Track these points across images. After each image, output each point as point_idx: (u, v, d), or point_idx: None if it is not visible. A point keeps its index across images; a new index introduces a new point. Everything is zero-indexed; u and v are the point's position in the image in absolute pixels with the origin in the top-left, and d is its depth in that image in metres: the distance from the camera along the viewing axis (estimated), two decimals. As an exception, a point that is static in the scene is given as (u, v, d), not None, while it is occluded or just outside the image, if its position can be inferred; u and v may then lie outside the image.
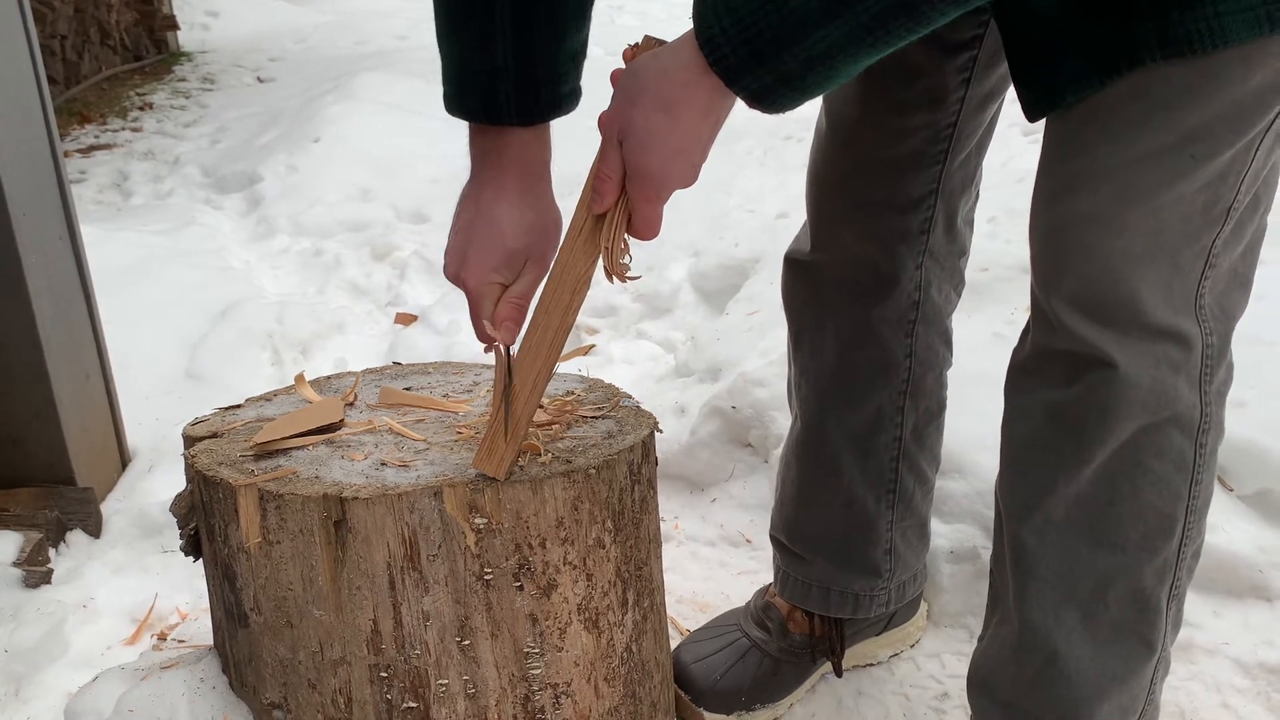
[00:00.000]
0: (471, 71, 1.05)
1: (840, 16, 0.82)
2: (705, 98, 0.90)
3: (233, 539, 1.12)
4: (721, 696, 1.48)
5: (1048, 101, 1.03)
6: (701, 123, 0.92)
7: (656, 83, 0.91)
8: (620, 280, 1.01)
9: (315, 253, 3.48)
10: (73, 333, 2.01)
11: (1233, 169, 1.01)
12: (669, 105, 0.90)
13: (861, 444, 1.43)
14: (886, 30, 0.83)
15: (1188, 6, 0.92)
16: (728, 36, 0.86)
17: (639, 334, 2.85)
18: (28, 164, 1.88)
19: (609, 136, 0.95)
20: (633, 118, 0.92)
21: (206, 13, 8.19)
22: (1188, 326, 1.06)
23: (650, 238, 0.99)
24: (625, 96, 0.93)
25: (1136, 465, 1.10)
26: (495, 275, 1.08)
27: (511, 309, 1.08)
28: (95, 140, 5.22)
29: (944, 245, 1.37)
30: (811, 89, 0.87)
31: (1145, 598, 1.14)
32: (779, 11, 0.83)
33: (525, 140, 1.08)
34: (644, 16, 8.54)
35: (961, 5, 0.83)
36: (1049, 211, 1.07)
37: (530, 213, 1.09)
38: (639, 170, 0.94)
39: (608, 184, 0.96)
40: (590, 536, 1.12)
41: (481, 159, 1.09)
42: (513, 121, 1.06)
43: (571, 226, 1.02)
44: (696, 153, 0.94)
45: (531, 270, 1.10)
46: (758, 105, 0.89)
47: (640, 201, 0.96)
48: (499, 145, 1.07)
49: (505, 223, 1.07)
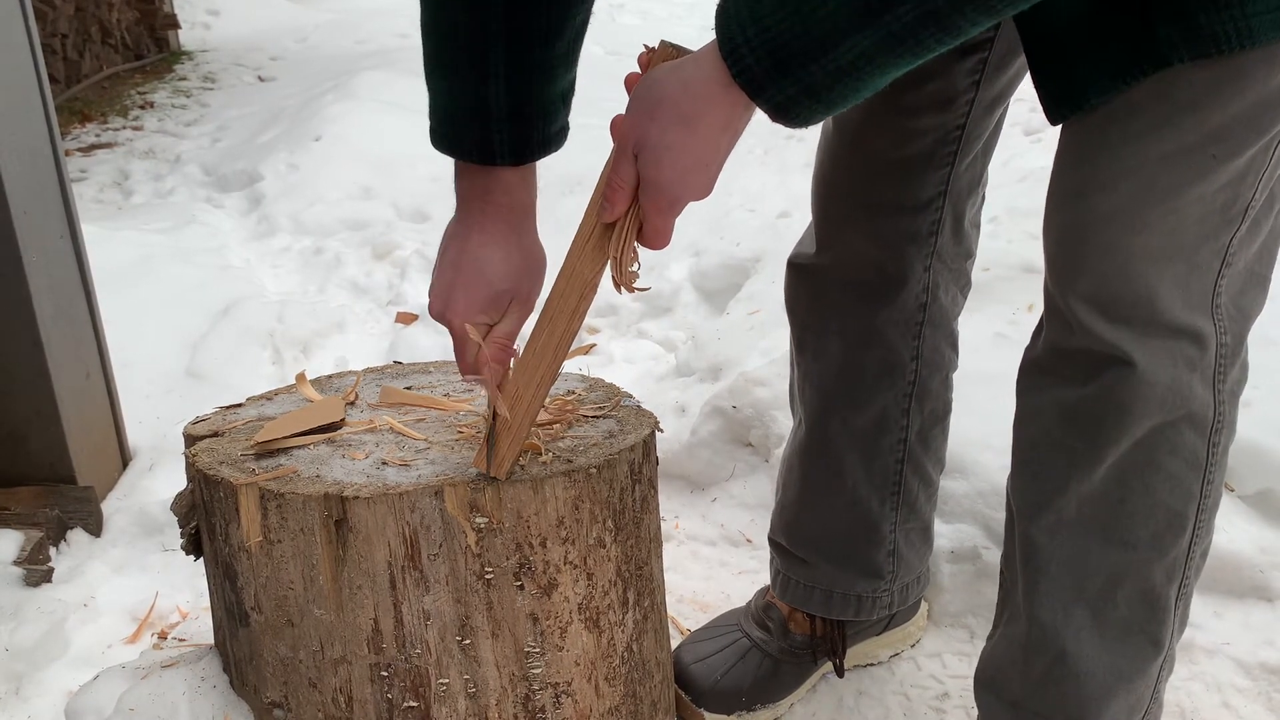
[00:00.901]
0: (464, 111, 1.05)
1: (870, 26, 0.80)
2: (726, 111, 0.88)
3: (233, 538, 1.11)
4: (722, 696, 1.48)
5: (1071, 103, 1.02)
6: (720, 136, 0.90)
7: (676, 95, 0.89)
8: (628, 290, 1.00)
9: (316, 251, 3.48)
10: (73, 331, 2.01)
11: (1252, 168, 1.01)
12: (688, 119, 0.89)
13: (866, 447, 1.43)
14: (917, 41, 0.81)
15: (1214, 8, 0.92)
16: (752, 47, 0.83)
17: (640, 333, 2.85)
18: (28, 162, 1.88)
19: (623, 146, 0.94)
20: (649, 130, 0.90)
21: (207, 11, 8.19)
22: (1203, 325, 1.06)
23: (660, 248, 0.98)
24: (642, 107, 0.91)
25: (1150, 464, 1.10)
26: (481, 316, 1.08)
27: (497, 349, 1.08)
28: (96, 139, 5.22)
29: (951, 247, 1.37)
30: (837, 102, 0.85)
31: (1155, 596, 1.14)
32: (805, 21, 0.81)
33: (512, 182, 1.08)
34: (645, 16, 8.54)
35: (993, 15, 0.81)
36: (1067, 210, 1.07)
37: (516, 253, 1.09)
38: (653, 183, 0.92)
39: (619, 193, 0.95)
40: (591, 536, 1.12)
41: (468, 199, 1.09)
42: (505, 161, 1.06)
43: (580, 231, 1.01)
44: (714, 166, 0.92)
45: (516, 310, 1.11)
46: (781, 118, 0.87)
47: (653, 213, 0.95)
48: (486, 185, 1.08)
49: (491, 265, 1.08)
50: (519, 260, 1.10)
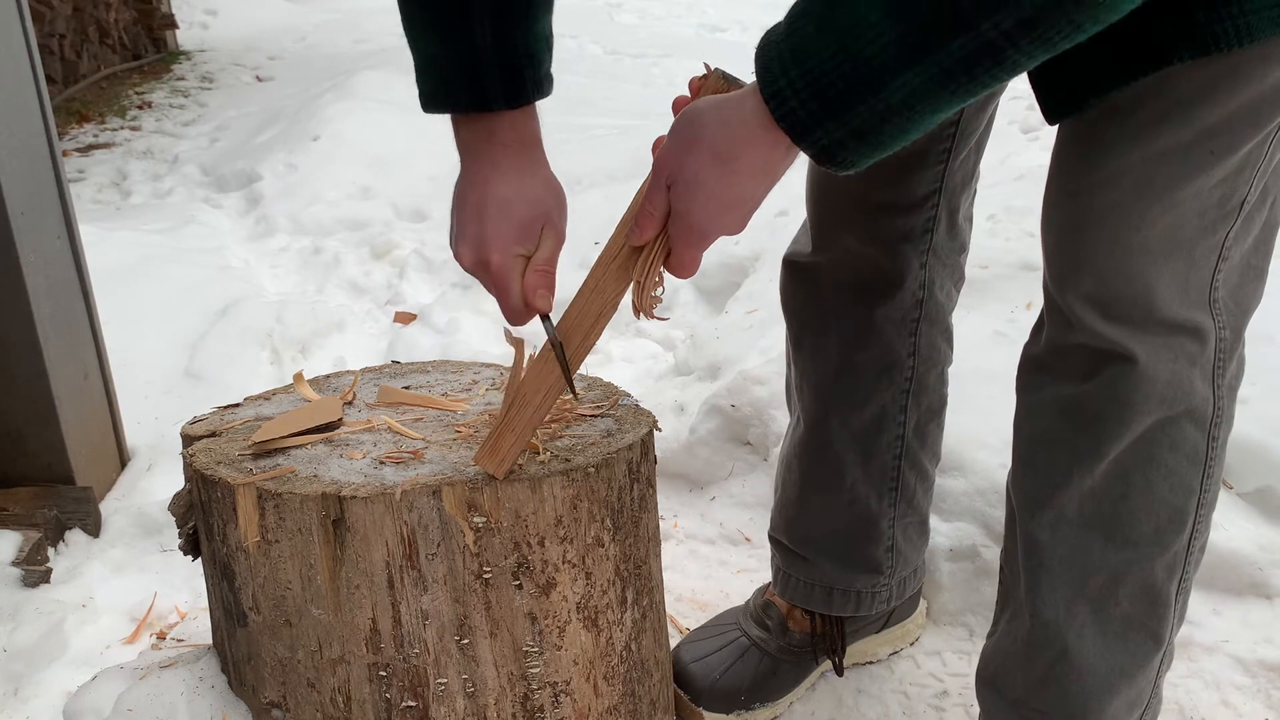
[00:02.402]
0: (454, 64, 1.04)
1: (920, 63, 0.76)
2: (766, 153, 0.86)
3: (231, 538, 1.11)
4: (721, 695, 1.48)
5: (1071, 104, 1.02)
6: (757, 179, 0.88)
7: (715, 133, 0.87)
8: (648, 317, 1.00)
9: (314, 251, 3.48)
10: (71, 332, 2.01)
11: (1248, 163, 1.01)
12: (725, 159, 0.87)
13: (864, 443, 1.43)
14: (970, 77, 0.77)
15: (1213, 6, 0.92)
16: (795, 89, 0.80)
17: (638, 332, 2.85)
18: (26, 163, 1.88)
19: (658, 174, 0.93)
20: (685, 164, 0.89)
21: (205, 11, 8.20)
22: (1202, 320, 1.07)
23: (686, 278, 0.97)
24: (682, 141, 0.90)
25: (1150, 459, 1.10)
26: (517, 248, 1.06)
27: (540, 276, 1.06)
28: (94, 139, 5.22)
29: (947, 243, 1.37)
30: (886, 144, 0.82)
31: (1156, 592, 1.14)
32: (854, 60, 0.77)
33: (515, 119, 1.07)
34: (643, 15, 8.54)
35: (1049, 50, 0.77)
36: (1066, 207, 1.07)
37: (534, 181, 1.08)
38: (684, 217, 0.92)
39: (649, 220, 0.94)
40: (589, 535, 1.12)
41: (474, 146, 1.08)
42: (500, 106, 1.05)
43: (607, 248, 1.00)
44: (748, 207, 0.90)
45: (550, 235, 1.09)
46: (826, 162, 0.84)
47: (681, 246, 0.94)
48: (490, 129, 1.07)
49: (514, 198, 1.06)
50: (540, 187, 1.09)
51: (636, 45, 6.77)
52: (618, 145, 4.04)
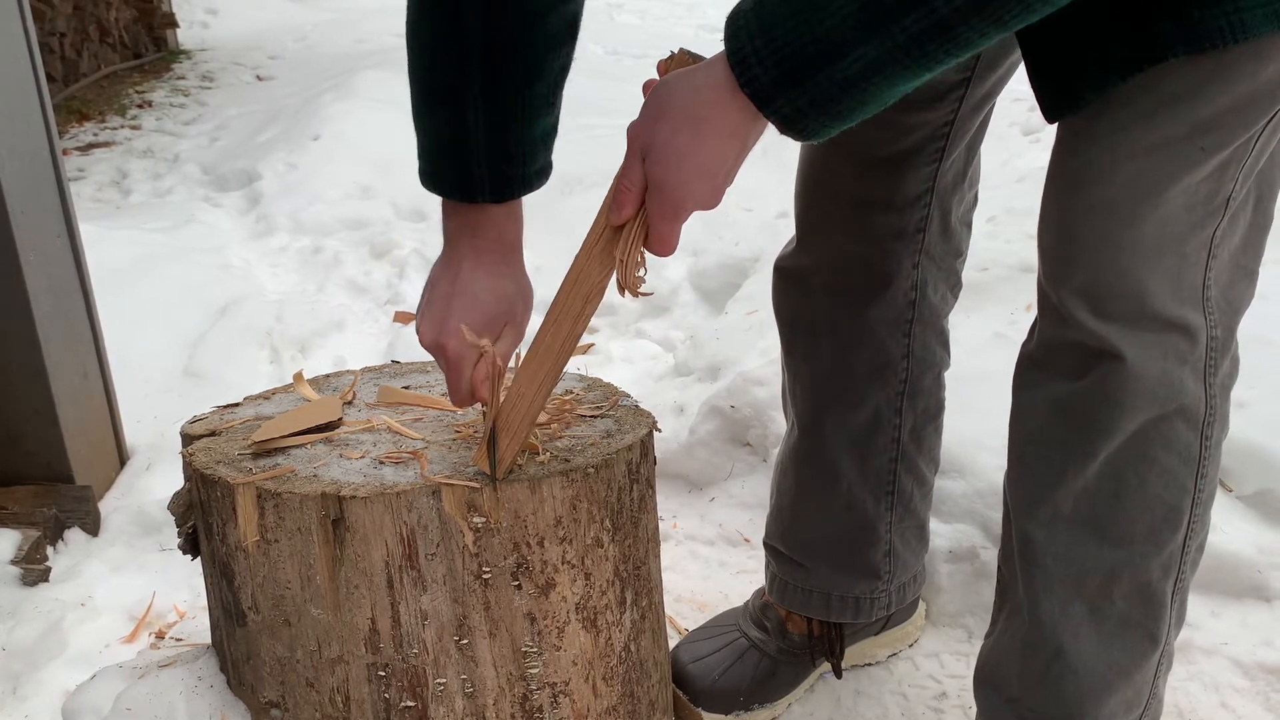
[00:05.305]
0: (447, 150, 1.08)
1: (876, 35, 0.80)
2: (734, 119, 0.88)
3: (230, 537, 1.11)
4: (720, 696, 1.48)
5: (1068, 102, 1.03)
6: (727, 144, 0.90)
7: (685, 100, 0.90)
8: (633, 294, 1.00)
9: (314, 250, 3.48)
10: (71, 331, 2.01)
11: (1234, 160, 1.01)
12: (695, 123, 0.89)
13: (860, 446, 1.43)
14: (924, 52, 0.81)
15: (1208, 3, 0.92)
16: (760, 56, 0.84)
17: (638, 333, 2.85)
18: (26, 162, 1.88)
19: (634, 149, 0.94)
20: (657, 132, 0.91)
21: (206, 10, 8.19)
22: (1194, 318, 1.07)
23: (665, 255, 0.98)
24: (653, 111, 0.93)
25: (1144, 458, 1.10)
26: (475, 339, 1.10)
27: (490, 369, 1.09)
28: (94, 138, 5.22)
29: (940, 245, 1.37)
30: (845, 114, 0.85)
31: (1151, 591, 1.14)
32: (813, 30, 0.81)
33: (498, 217, 1.11)
34: (643, 15, 8.54)
35: (1002, 28, 0.80)
36: (1060, 203, 1.08)
37: (508, 280, 1.12)
38: (659, 186, 0.93)
39: (628, 196, 0.96)
40: (588, 536, 1.12)
41: (457, 234, 1.12)
42: (486, 199, 1.08)
43: (590, 234, 1.01)
44: (720, 175, 0.92)
45: (510, 333, 1.13)
46: (789, 131, 0.87)
47: (658, 219, 0.95)
48: (474, 221, 1.10)
49: (484, 293, 1.11)
50: (511, 286, 1.13)
51: (637, 46, 6.76)
52: (618, 145, 4.02)
